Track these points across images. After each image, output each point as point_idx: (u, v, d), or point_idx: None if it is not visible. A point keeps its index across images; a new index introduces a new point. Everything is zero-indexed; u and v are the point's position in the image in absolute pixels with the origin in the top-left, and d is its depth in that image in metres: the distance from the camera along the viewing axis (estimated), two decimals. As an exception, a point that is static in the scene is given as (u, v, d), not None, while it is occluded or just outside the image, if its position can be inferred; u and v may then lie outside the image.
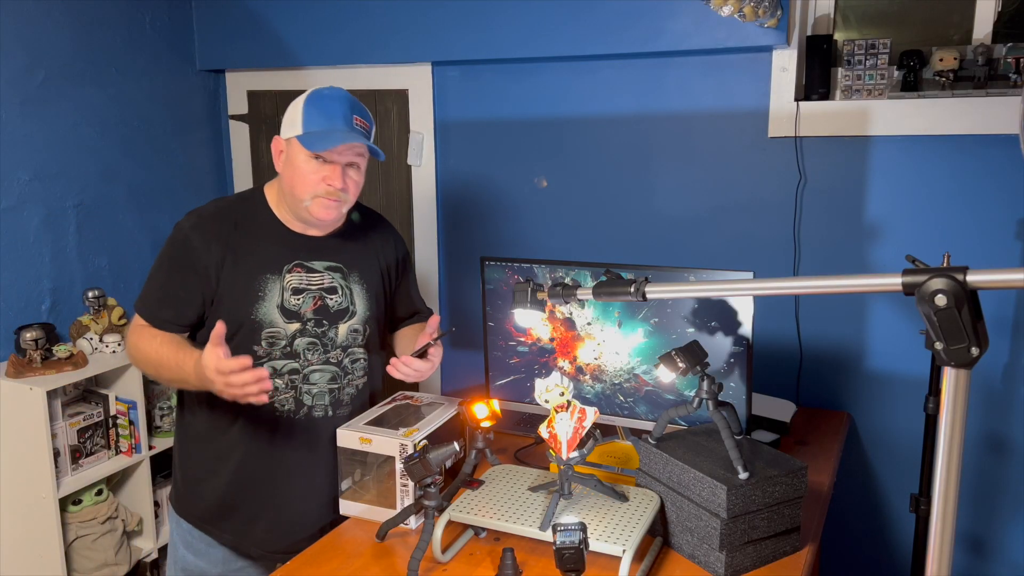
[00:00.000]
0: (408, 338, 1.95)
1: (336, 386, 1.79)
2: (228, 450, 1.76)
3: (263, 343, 1.70)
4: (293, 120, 1.67)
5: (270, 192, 1.78)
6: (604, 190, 2.54)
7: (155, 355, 1.66)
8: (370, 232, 1.89)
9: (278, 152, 1.72)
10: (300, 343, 1.73)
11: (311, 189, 1.66)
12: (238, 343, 1.68)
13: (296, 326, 1.72)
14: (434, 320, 1.79)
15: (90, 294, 2.62)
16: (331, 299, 1.76)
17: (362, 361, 1.83)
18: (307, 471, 1.79)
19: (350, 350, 1.80)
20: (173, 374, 1.64)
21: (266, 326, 1.70)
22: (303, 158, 1.65)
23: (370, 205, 2.93)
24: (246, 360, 1.48)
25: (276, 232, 1.74)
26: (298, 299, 1.72)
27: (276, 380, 1.72)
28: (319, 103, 1.66)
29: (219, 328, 1.51)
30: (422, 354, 1.74)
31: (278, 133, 1.73)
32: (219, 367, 1.48)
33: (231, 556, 1.85)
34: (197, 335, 1.74)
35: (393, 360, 1.73)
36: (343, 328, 1.78)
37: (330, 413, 1.79)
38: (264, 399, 1.52)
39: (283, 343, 1.71)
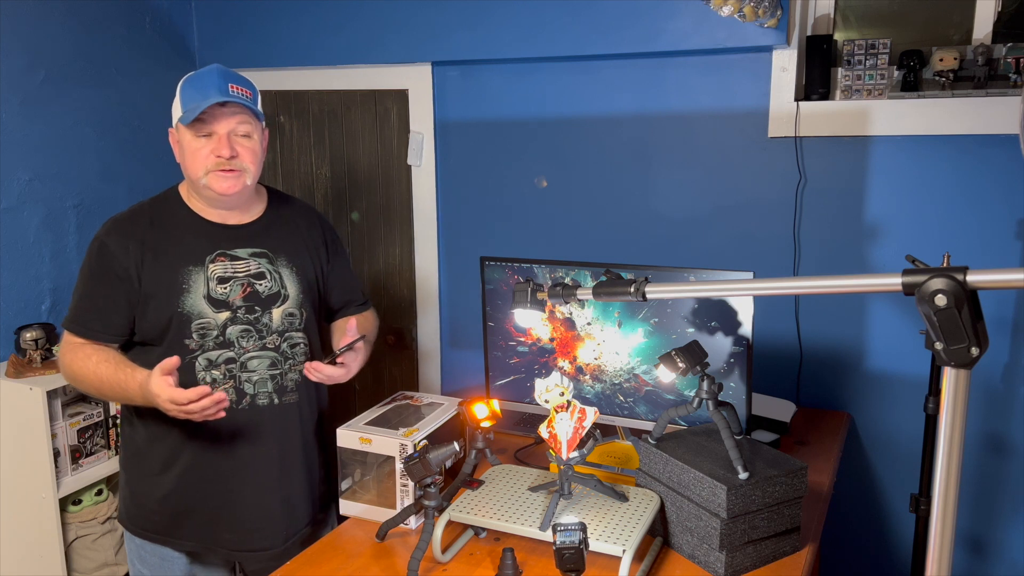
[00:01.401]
0: (339, 331, 1.94)
1: (277, 372, 1.77)
2: (174, 455, 1.74)
3: (194, 336, 1.69)
4: (174, 106, 1.70)
5: (183, 188, 1.79)
6: (604, 190, 2.54)
7: (93, 375, 1.65)
8: (293, 216, 1.88)
9: (174, 144, 1.73)
10: (233, 331, 1.72)
11: (202, 165, 1.67)
12: (170, 339, 1.68)
13: (226, 315, 1.71)
14: (351, 325, 1.79)
15: (90, 294, 2.62)
16: (260, 284, 1.75)
17: (302, 346, 1.81)
18: (259, 463, 1.77)
19: (287, 335, 1.78)
20: (115, 393, 1.64)
21: (195, 318, 1.68)
22: (188, 138, 1.67)
23: (371, 205, 2.95)
24: (203, 389, 1.49)
25: (194, 225, 1.74)
26: (224, 288, 1.71)
27: (213, 372, 1.71)
28: (191, 81, 1.69)
29: (171, 361, 1.51)
30: (335, 360, 1.73)
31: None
32: (173, 398, 1.49)
33: (190, 565, 1.83)
34: (131, 346, 1.74)
35: (306, 364, 1.74)
36: (277, 313, 1.76)
37: (275, 400, 1.77)
38: (222, 415, 1.53)
39: (215, 333, 1.70)
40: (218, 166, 1.66)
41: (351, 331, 1.76)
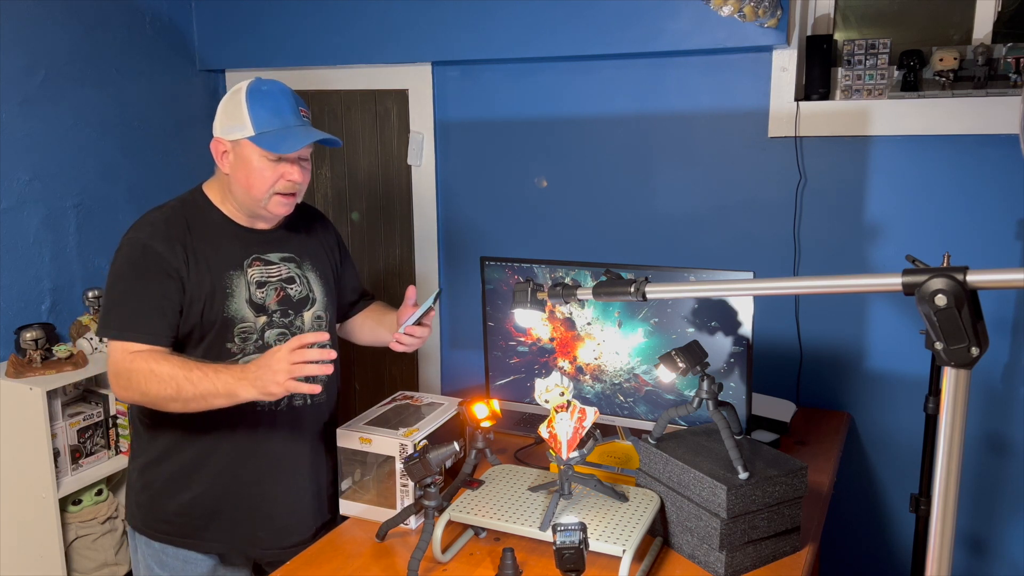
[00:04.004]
0: (373, 319, 1.99)
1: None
2: (204, 457, 1.73)
3: (236, 339, 1.69)
4: (238, 120, 1.63)
5: (212, 191, 1.75)
6: (604, 190, 2.54)
7: (168, 374, 1.55)
8: (308, 220, 1.90)
9: (221, 153, 1.68)
10: (270, 335, 1.73)
11: (269, 187, 1.66)
12: (210, 343, 1.67)
13: (264, 319, 1.72)
14: (411, 291, 1.82)
15: (90, 294, 2.62)
16: (292, 289, 1.77)
17: (328, 347, 1.78)
18: (295, 461, 1.79)
19: None
20: (201, 388, 1.54)
21: (238, 322, 1.69)
22: (258, 158, 1.64)
23: (371, 205, 2.95)
24: (317, 336, 1.49)
25: (229, 230, 1.73)
26: (262, 292, 1.72)
27: None
28: (264, 100, 1.65)
29: (311, 336, 1.50)
30: (417, 322, 1.77)
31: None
32: (291, 344, 1.47)
33: (215, 565, 1.82)
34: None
35: (396, 335, 1.77)
36: (308, 316, 1.79)
37: (308, 401, 1.78)
38: (318, 387, 1.49)
39: (255, 337, 1.71)
40: (287, 190, 1.67)
41: (412, 295, 1.81)
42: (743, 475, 1.47)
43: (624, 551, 1.41)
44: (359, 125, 2.89)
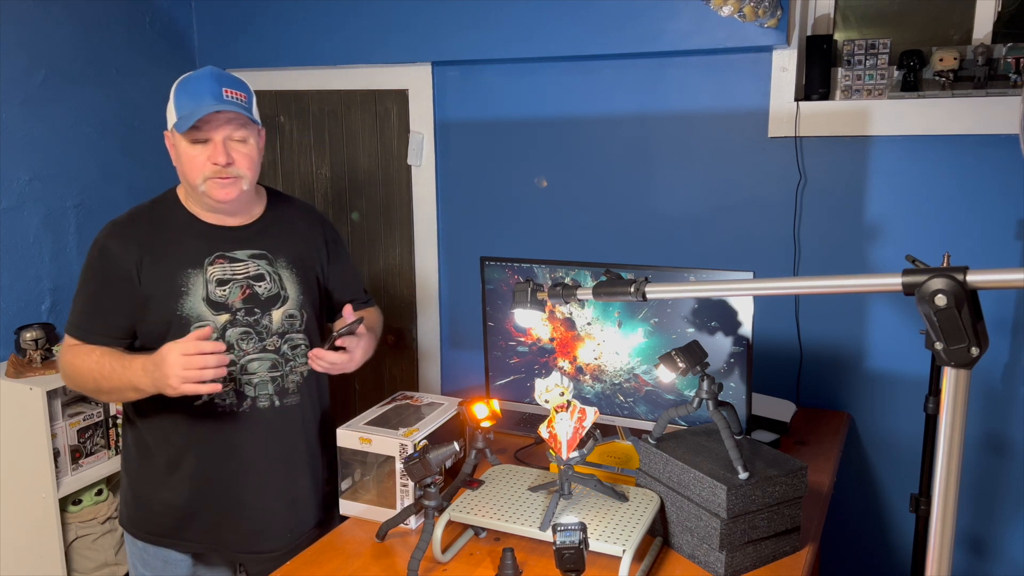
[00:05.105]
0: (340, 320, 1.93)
1: (278, 374, 1.76)
2: (178, 457, 1.74)
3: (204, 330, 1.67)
4: (169, 111, 1.67)
5: (181, 190, 1.77)
6: (604, 190, 2.54)
7: (95, 366, 1.63)
8: (293, 216, 1.87)
9: (170, 147, 1.71)
10: (232, 334, 1.71)
11: (200, 172, 1.65)
12: (168, 342, 1.65)
13: (226, 317, 1.70)
14: (348, 310, 1.74)
15: (90, 294, 2.62)
16: (259, 286, 1.74)
17: (303, 347, 1.79)
18: (263, 466, 1.76)
19: (288, 336, 1.77)
20: (116, 380, 1.61)
21: (194, 320, 1.68)
22: (184, 144, 1.65)
23: (371, 205, 2.95)
24: (205, 331, 1.52)
25: (193, 227, 1.73)
26: (224, 290, 1.70)
27: None
28: (185, 85, 1.67)
29: (204, 331, 1.53)
30: (336, 346, 1.70)
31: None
32: (184, 349, 1.49)
33: (194, 567, 1.82)
34: (131, 350, 1.71)
35: (309, 352, 1.72)
36: (277, 314, 1.75)
37: (276, 403, 1.76)
38: (218, 387, 1.52)
39: (214, 336, 1.68)
40: (216, 173, 1.65)
41: (348, 315, 1.72)
42: (743, 475, 1.47)
43: (624, 551, 1.41)
44: (359, 125, 2.89)
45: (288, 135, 3.01)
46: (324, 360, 1.69)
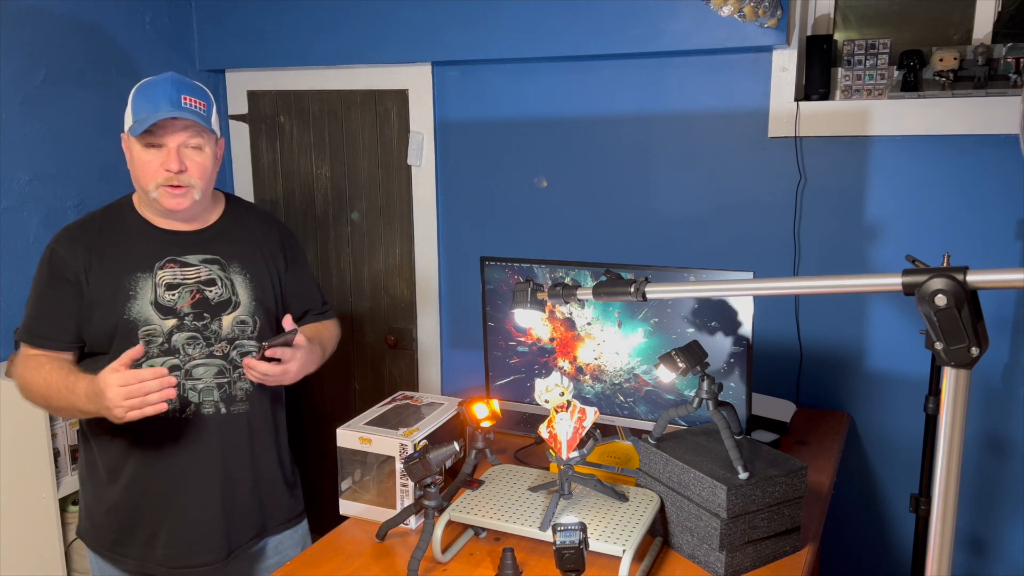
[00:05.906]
0: (306, 334, 1.84)
1: (224, 380, 1.72)
2: (119, 466, 1.70)
3: (141, 342, 1.64)
4: (126, 114, 1.67)
5: (136, 196, 1.76)
6: (604, 190, 2.54)
7: (43, 383, 1.61)
8: (249, 222, 1.83)
9: (125, 151, 1.70)
10: (179, 338, 1.68)
11: (152, 178, 1.64)
12: (117, 346, 1.63)
13: (173, 321, 1.67)
14: (287, 320, 1.68)
15: (90, 294, 2.62)
16: (210, 291, 1.71)
17: (254, 354, 1.70)
18: (201, 474, 1.71)
19: (238, 343, 1.73)
20: (63, 401, 1.59)
21: (141, 324, 1.65)
22: (137, 149, 1.65)
23: (371, 205, 2.95)
24: (136, 351, 1.50)
25: (144, 232, 1.72)
26: (173, 294, 1.68)
27: None
28: (144, 90, 1.65)
29: (135, 351, 1.51)
30: (268, 357, 1.63)
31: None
32: (124, 379, 1.46)
33: None
34: (83, 357, 1.70)
35: (243, 360, 1.66)
36: (227, 320, 1.72)
37: (222, 410, 1.72)
38: (163, 406, 1.48)
39: (160, 340, 1.66)
40: (167, 181, 1.63)
41: (287, 325, 1.66)
42: (743, 475, 1.47)
43: (624, 551, 1.41)
44: (359, 125, 2.89)
45: (288, 135, 3.01)
46: (255, 370, 1.63)
